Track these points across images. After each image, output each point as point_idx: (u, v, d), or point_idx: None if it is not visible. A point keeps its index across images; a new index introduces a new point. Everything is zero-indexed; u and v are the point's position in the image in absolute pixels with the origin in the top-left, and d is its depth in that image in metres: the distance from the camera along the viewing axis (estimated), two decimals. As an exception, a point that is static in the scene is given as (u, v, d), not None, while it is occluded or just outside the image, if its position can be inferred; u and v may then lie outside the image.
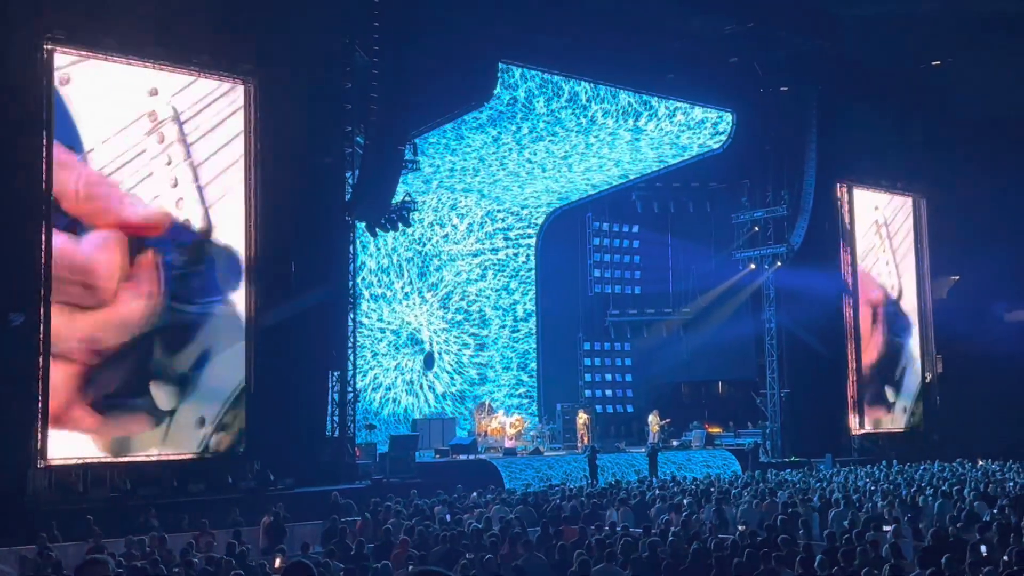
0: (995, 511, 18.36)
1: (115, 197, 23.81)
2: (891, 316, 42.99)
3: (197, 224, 25.12)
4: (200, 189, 25.19)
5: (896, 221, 44.01)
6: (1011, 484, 23.62)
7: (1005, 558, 12.75)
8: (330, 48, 28.13)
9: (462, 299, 39.88)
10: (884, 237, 43.18)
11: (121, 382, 23.45)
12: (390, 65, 27.60)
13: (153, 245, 24.27)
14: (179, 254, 24.75)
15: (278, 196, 26.09)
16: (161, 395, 24.03)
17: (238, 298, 25.65)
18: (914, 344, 43.75)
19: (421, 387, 38.21)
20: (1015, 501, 20.00)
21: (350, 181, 28.27)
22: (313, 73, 27.45)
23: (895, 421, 41.62)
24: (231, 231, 25.67)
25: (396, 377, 37.25)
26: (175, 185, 24.77)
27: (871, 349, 41.68)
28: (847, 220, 41.36)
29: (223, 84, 25.96)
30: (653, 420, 35.41)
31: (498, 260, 40.97)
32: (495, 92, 30.41)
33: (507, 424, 34.58)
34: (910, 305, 43.95)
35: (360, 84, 27.95)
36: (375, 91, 27.58)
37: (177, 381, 24.37)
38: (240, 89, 26.22)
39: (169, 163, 24.73)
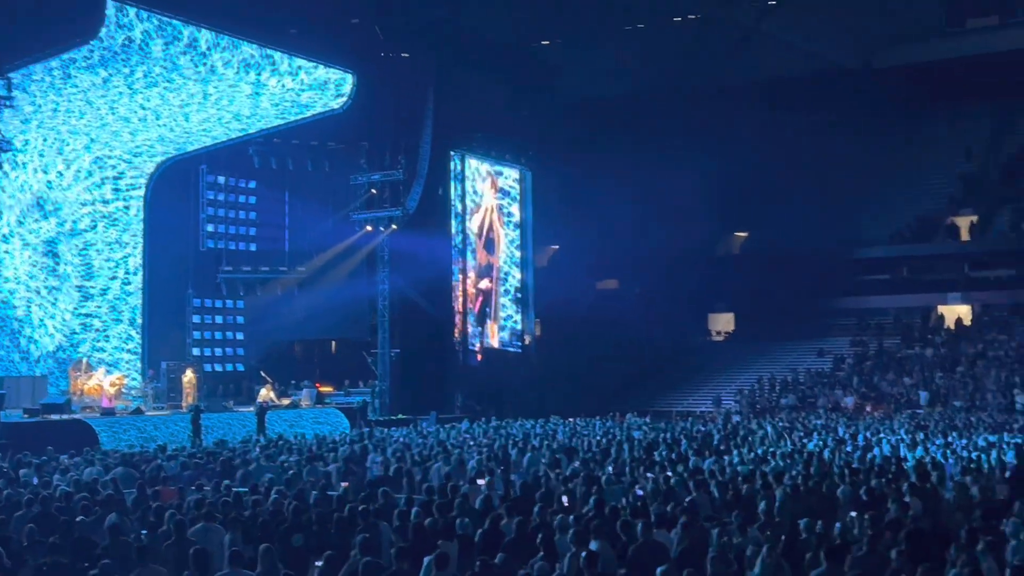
0: (577, 464, 19.88)
1: None
2: (496, 281, 45.14)
3: None
4: None
5: (507, 185, 46.14)
6: (594, 438, 25.66)
7: (586, 508, 13.86)
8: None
9: (70, 250, 37.23)
10: (494, 208, 45.16)
11: None
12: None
13: None
14: None
15: None
16: None
17: None
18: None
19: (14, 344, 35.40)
20: (597, 454, 21.81)
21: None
22: None
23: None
24: None
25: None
26: None
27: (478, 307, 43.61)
28: (460, 187, 42.77)
29: None
30: (264, 393, 34.84)
31: (108, 212, 38.58)
32: (108, 30, 28.49)
33: (106, 383, 32.85)
34: (511, 264, 46.26)
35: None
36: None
37: None
38: None
39: None
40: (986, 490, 16.05)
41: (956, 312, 48.28)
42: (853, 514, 13.66)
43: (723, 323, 53.94)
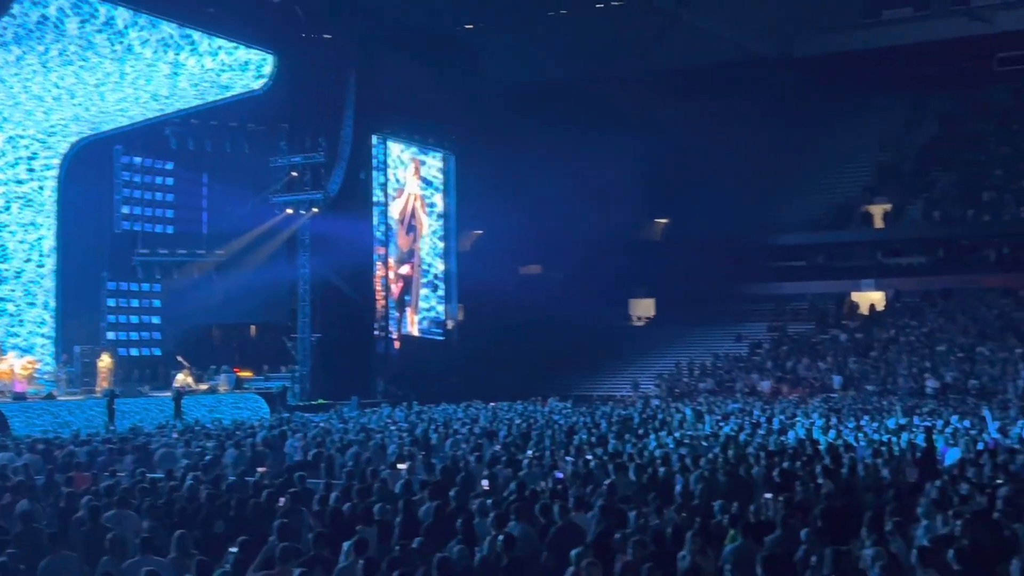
0: (498, 448, 19.95)
1: None
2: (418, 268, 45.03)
3: None
4: None
5: (430, 174, 46.01)
6: (515, 422, 25.76)
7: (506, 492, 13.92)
8: None
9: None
10: (417, 197, 45.03)
11: None
12: None
13: None
14: None
15: None
16: None
17: None
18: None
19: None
20: (517, 438, 21.89)
21: None
22: None
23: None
24: None
25: None
26: None
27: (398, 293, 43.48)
28: (383, 175, 42.54)
29: None
30: (181, 378, 34.35)
31: (23, 193, 37.57)
32: (22, 7, 27.75)
33: (17, 367, 32.08)
34: (434, 255, 46.20)
35: None
36: None
37: None
38: None
39: None
40: (896, 472, 16.48)
41: (870, 298, 49.32)
42: (768, 495, 13.91)
43: (644, 308, 54.42)
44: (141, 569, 9.41)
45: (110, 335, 39.23)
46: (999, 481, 14.38)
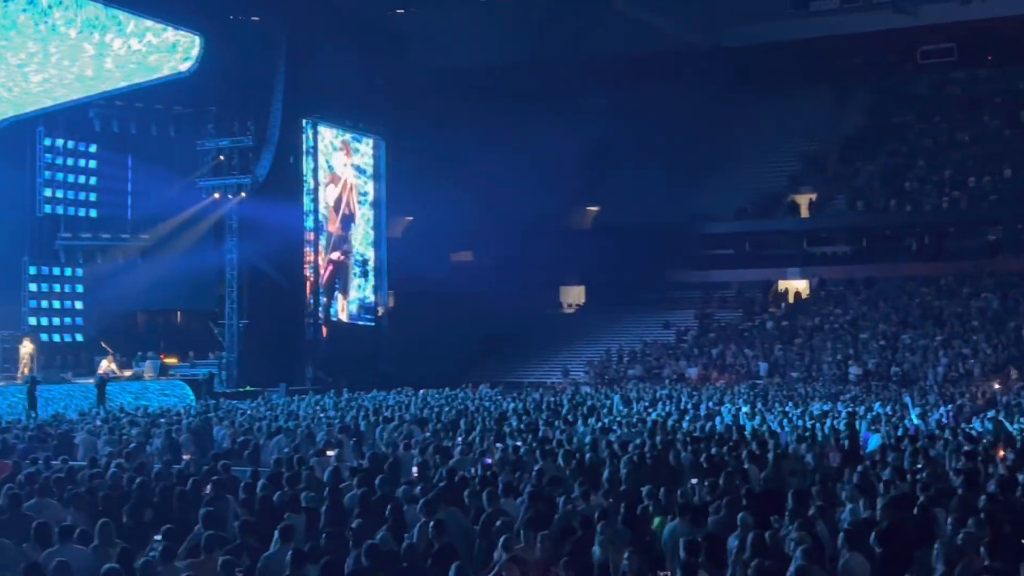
0: (428, 435, 19.93)
1: None
2: (348, 253, 44.68)
3: None
4: None
5: (362, 161, 45.63)
6: (444, 409, 25.74)
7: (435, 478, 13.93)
8: None
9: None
10: (352, 187, 44.65)
11: None
12: None
13: None
14: None
15: None
16: None
17: None
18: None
19: None
20: (447, 424, 21.90)
21: None
22: None
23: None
24: None
25: None
26: None
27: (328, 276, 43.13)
28: (313, 161, 42.07)
29: None
30: (105, 365, 33.77)
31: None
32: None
33: (-65, 353, 31.32)
34: (367, 244, 45.86)
35: None
36: None
37: None
38: None
39: None
40: (820, 457, 16.79)
41: (795, 286, 50.10)
42: (694, 481, 14.07)
43: (574, 295, 54.68)
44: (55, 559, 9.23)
45: (31, 320, 38.36)
46: (919, 466, 14.71)
